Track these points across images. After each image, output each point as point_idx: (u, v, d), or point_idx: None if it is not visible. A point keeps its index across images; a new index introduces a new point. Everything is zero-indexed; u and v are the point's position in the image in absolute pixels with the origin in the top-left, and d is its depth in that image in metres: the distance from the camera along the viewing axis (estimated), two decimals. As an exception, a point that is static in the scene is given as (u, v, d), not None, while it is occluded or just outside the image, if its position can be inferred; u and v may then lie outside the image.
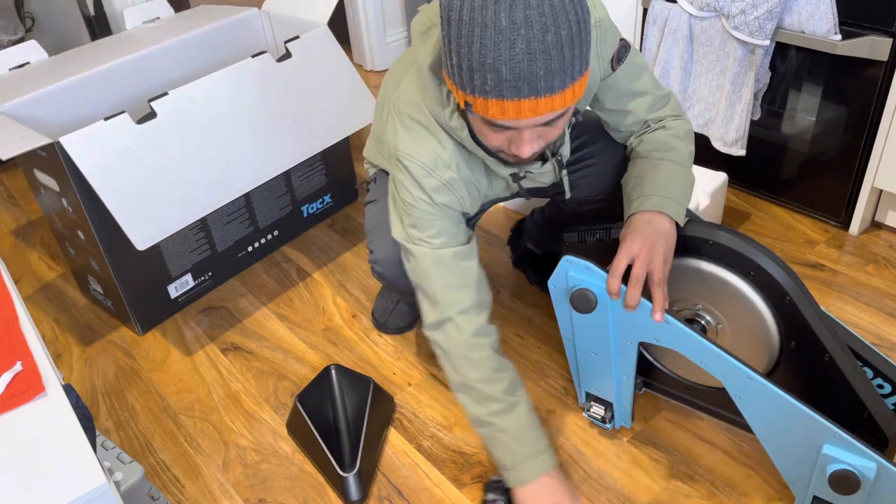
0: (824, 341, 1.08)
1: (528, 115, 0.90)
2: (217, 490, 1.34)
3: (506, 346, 1.56)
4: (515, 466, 1.15)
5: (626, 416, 1.32)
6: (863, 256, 1.72)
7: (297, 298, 1.76)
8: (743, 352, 1.17)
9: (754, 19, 1.59)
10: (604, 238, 1.22)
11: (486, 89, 0.89)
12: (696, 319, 1.18)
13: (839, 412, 1.11)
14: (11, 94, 1.62)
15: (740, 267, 1.10)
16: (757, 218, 1.87)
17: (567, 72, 0.88)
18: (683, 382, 1.30)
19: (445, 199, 1.13)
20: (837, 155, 1.70)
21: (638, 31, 1.97)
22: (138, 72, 1.80)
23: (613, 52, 1.16)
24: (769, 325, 1.12)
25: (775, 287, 1.08)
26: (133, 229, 1.46)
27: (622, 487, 1.27)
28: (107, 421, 1.49)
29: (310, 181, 1.92)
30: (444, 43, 0.92)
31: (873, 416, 1.08)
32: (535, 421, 1.18)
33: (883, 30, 1.50)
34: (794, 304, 1.07)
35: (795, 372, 1.13)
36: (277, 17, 1.97)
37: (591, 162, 1.33)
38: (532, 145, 0.98)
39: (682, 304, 1.19)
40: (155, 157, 1.51)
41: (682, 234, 1.11)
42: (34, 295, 1.87)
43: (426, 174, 1.11)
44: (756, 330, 1.13)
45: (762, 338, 1.14)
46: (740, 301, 1.12)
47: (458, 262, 1.14)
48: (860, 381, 1.08)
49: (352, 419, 1.36)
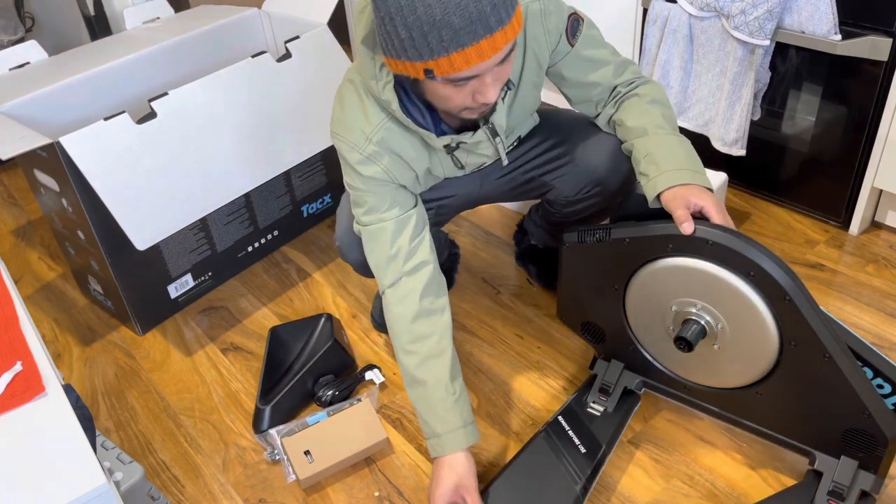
0: (824, 341, 1.07)
1: (489, 53, 0.94)
2: (217, 490, 1.34)
3: (506, 346, 1.56)
4: (428, 439, 1.22)
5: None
6: (863, 256, 1.72)
7: (297, 298, 1.76)
8: (743, 352, 1.17)
9: (754, 19, 1.59)
10: (604, 238, 1.22)
11: (444, 45, 0.92)
12: (696, 320, 1.18)
13: (839, 412, 1.11)
14: (11, 94, 1.62)
15: (740, 267, 1.09)
16: (757, 218, 1.87)
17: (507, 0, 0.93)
18: (683, 383, 1.30)
19: (371, 172, 1.17)
20: (837, 155, 1.70)
21: (638, 31, 1.97)
22: (138, 72, 1.80)
23: (566, 27, 1.19)
24: (769, 325, 1.11)
25: (775, 287, 1.07)
26: (133, 229, 1.46)
27: (622, 487, 1.27)
28: (107, 421, 1.49)
29: (310, 181, 1.92)
30: (385, 23, 0.94)
31: (873, 416, 1.08)
32: (451, 399, 1.19)
33: (883, 30, 1.50)
34: (793, 304, 1.07)
35: (795, 372, 1.13)
36: (277, 17, 1.97)
37: (565, 160, 1.35)
38: (495, 88, 1.01)
39: (682, 304, 1.19)
40: (155, 157, 1.50)
41: (679, 234, 1.12)
42: (34, 295, 1.87)
43: (350, 149, 1.16)
44: (756, 330, 1.13)
45: (762, 338, 1.14)
46: (740, 301, 1.12)
47: (389, 237, 1.20)
48: (860, 381, 1.08)
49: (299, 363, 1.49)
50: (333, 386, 1.47)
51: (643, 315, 1.26)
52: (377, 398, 1.48)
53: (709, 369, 1.24)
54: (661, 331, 1.25)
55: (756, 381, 1.20)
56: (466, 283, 1.74)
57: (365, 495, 1.30)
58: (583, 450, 1.28)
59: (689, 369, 1.28)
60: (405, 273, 1.21)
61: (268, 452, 1.38)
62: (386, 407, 1.47)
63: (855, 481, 1.14)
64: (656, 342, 1.28)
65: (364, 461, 1.36)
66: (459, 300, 1.69)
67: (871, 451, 1.12)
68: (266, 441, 1.40)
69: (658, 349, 1.30)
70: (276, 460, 1.38)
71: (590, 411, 1.34)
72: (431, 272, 1.22)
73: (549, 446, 1.28)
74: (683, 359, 1.27)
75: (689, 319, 1.19)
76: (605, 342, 1.37)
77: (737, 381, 1.22)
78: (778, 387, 1.17)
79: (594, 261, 1.25)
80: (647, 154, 1.18)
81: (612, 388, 1.36)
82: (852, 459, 1.15)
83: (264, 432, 1.41)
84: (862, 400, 1.08)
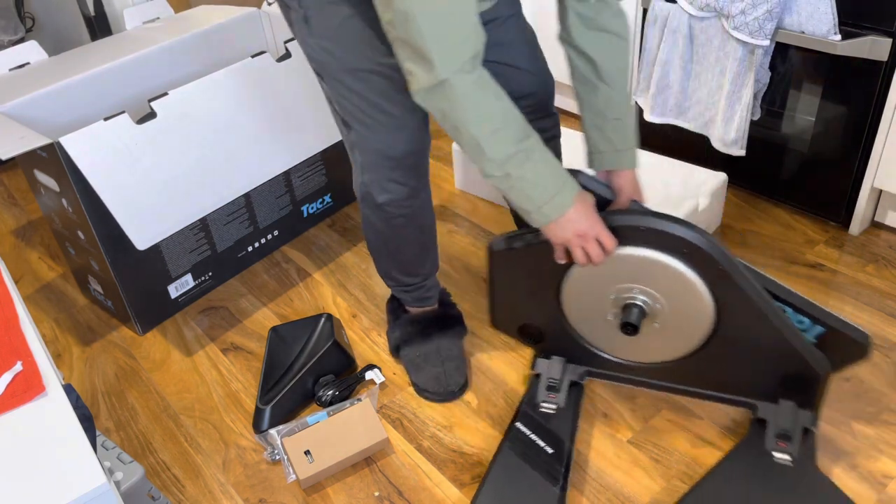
0: (756, 299, 1.16)
1: None
2: (217, 490, 1.34)
3: (505, 345, 1.56)
4: (538, 209, 1.10)
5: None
6: (863, 256, 1.72)
7: (297, 298, 1.76)
8: (682, 324, 1.24)
9: (754, 19, 1.59)
10: (533, 242, 1.25)
11: None
12: (636, 304, 1.24)
13: (775, 361, 1.23)
14: (11, 94, 1.62)
15: (673, 246, 1.15)
16: (757, 218, 1.87)
17: None
18: (627, 364, 1.35)
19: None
20: (837, 155, 1.70)
21: (638, 32, 1.97)
22: (138, 72, 1.80)
23: None
24: (705, 295, 1.19)
25: (707, 259, 1.14)
26: (133, 229, 1.46)
27: (622, 487, 1.28)
28: (107, 421, 1.50)
29: (310, 181, 1.92)
30: None
31: (805, 359, 1.20)
32: (550, 160, 1.08)
33: (883, 30, 1.50)
34: (725, 271, 1.14)
35: (732, 332, 1.22)
36: (277, 17, 1.97)
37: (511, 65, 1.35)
38: None
39: (620, 291, 1.24)
40: (155, 157, 1.51)
41: (613, 224, 1.16)
42: (34, 295, 1.87)
43: None
44: (693, 302, 1.20)
45: (699, 308, 1.21)
46: (677, 278, 1.19)
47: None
48: (790, 329, 1.19)
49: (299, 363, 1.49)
50: (333, 386, 1.47)
51: (581, 307, 1.30)
52: (377, 398, 1.48)
53: (651, 347, 1.30)
54: (601, 319, 1.30)
55: (697, 348, 1.28)
56: (466, 283, 1.74)
57: (365, 495, 1.31)
58: (549, 450, 1.29)
59: (633, 351, 1.33)
60: (477, 50, 1.00)
61: (268, 452, 1.38)
62: (386, 407, 1.47)
63: (797, 421, 1.25)
64: (597, 331, 1.33)
65: (364, 461, 1.36)
66: (460, 300, 1.69)
67: (806, 391, 1.24)
68: (266, 441, 1.40)
69: (599, 337, 1.34)
70: (276, 460, 1.38)
71: (543, 411, 1.36)
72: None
73: (517, 454, 1.29)
74: (627, 342, 1.32)
75: (630, 304, 1.24)
76: (544, 341, 1.39)
77: (679, 353, 1.30)
78: (717, 350, 1.26)
79: (526, 264, 1.29)
80: (617, 118, 1.16)
81: (560, 384, 1.38)
82: (790, 402, 1.27)
83: (264, 432, 1.41)
84: (794, 346, 1.19)
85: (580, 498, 1.26)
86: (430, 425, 1.42)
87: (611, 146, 1.22)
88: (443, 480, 1.32)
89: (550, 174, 1.08)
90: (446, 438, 1.39)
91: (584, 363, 1.40)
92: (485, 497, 1.24)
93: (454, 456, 1.36)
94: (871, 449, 1.29)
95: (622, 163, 1.23)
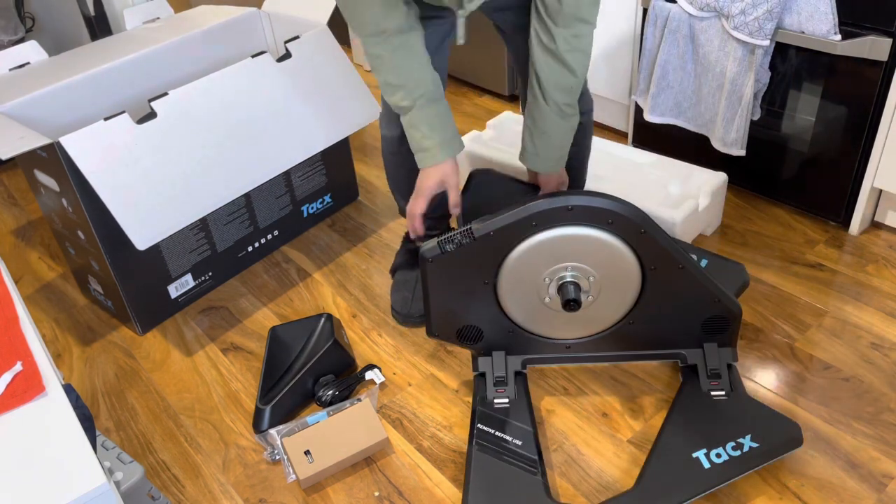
0: (676, 255, 1.26)
1: None
2: (217, 490, 1.34)
3: (506, 346, 1.57)
4: (417, 153, 1.33)
5: None
6: (862, 256, 1.72)
7: (297, 298, 1.76)
8: (614, 292, 1.32)
9: (754, 19, 1.59)
10: (465, 240, 1.27)
11: None
12: (572, 280, 1.29)
13: (697, 309, 1.34)
14: (11, 94, 1.62)
15: (599, 220, 1.23)
16: (757, 218, 1.87)
17: None
18: (564, 343, 1.41)
19: None
20: (837, 155, 1.70)
21: (638, 32, 1.97)
22: (138, 72, 1.80)
23: None
24: (631, 260, 1.28)
25: (632, 226, 1.23)
26: (133, 229, 1.46)
27: (622, 487, 1.27)
28: (107, 421, 1.50)
29: (310, 181, 1.92)
30: None
31: (722, 301, 1.32)
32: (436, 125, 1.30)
33: (883, 30, 1.50)
34: (648, 234, 1.24)
35: (658, 291, 1.32)
36: (277, 17, 1.97)
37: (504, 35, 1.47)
38: None
39: (553, 272, 1.30)
40: (155, 157, 1.51)
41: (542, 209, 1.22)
42: (34, 295, 1.87)
43: None
44: (623, 269, 1.29)
45: (628, 274, 1.29)
46: (606, 249, 1.26)
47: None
48: (705, 277, 1.29)
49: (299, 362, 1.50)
50: (333, 386, 1.47)
51: (518, 296, 1.34)
52: (377, 398, 1.48)
53: (587, 320, 1.38)
54: (538, 304, 1.34)
55: (627, 313, 1.36)
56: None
57: (365, 495, 1.31)
58: (518, 442, 1.30)
59: (570, 328, 1.39)
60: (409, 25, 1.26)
61: (268, 452, 1.38)
62: (386, 407, 1.47)
63: (722, 359, 1.38)
64: (534, 316, 1.37)
65: (364, 461, 1.36)
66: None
67: (725, 330, 1.37)
68: (266, 441, 1.40)
69: (537, 322, 1.38)
70: (276, 460, 1.38)
71: (498, 406, 1.36)
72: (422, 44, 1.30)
73: (490, 456, 1.29)
74: (563, 321, 1.37)
75: (566, 283, 1.30)
76: (482, 340, 1.41)
77: (612, 320, 1.38)
78: (646, 310, 1.35)
79: (459, 265, 1.30)
80: (545, 132, 1.35)
81: (506, 377, 1.40)
82: (713, 343, 1.39)
83: (264, 432, 1.41)
84: (712, 291, 1.31)
85: (580, 498, 1.26)
86: (430, 425, 1.42)
87: (534, 150, 1.39)
88: (443, 480, 1.32)
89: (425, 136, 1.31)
90: (446, 438, 1.39)
91: (524, 352, 1.44)
92: (473, 502, 1.23)
93: (454, 456, 1.36)
94: (871, 449, 1.29)
95: (542, 167, 1.42)
